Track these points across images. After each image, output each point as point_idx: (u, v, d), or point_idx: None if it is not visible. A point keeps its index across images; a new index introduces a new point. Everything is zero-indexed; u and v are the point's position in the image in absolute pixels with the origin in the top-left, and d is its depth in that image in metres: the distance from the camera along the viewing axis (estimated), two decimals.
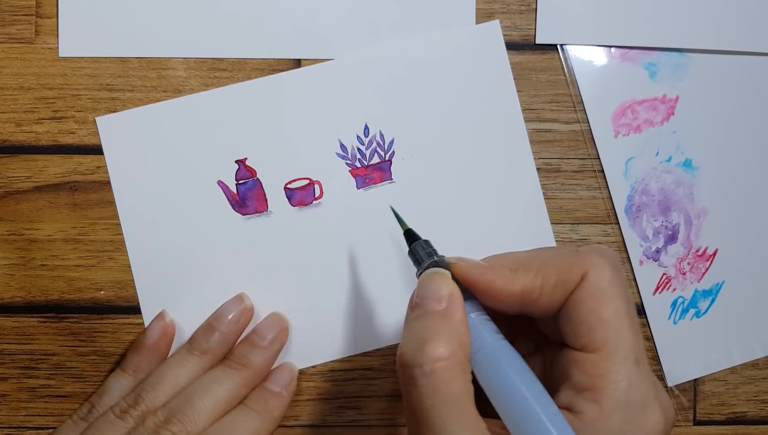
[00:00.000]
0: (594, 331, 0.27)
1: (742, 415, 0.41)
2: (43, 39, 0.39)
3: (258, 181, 0.39)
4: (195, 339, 0.38)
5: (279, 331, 0.38)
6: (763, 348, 0.41)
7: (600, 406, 0.26)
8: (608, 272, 0.28)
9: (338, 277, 0.40)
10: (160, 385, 0.36)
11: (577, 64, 0.40)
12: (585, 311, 0.27)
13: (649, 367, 0.28)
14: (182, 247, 0.39)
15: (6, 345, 0.40)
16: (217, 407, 0.35)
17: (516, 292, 0.29)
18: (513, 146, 0.40)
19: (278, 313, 0.39)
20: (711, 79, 0.40)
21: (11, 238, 0.39)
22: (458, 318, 0.28)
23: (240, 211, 0.39)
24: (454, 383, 0.26)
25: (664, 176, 0.40)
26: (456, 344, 0.27)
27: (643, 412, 0.26)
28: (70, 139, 0.39)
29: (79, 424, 0.36)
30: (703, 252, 0.41)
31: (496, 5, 0.40)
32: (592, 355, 0.27)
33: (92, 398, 0.37)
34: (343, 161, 0.39)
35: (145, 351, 0.38)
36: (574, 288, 0.28)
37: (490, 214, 0.40)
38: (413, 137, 0.40)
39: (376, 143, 0.40)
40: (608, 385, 0.26)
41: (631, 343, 0.27)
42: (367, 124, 0.39)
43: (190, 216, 0.39)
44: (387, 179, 0.40)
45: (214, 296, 0.39)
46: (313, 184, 0.39)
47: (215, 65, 0.40)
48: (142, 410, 0.35)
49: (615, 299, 0.27)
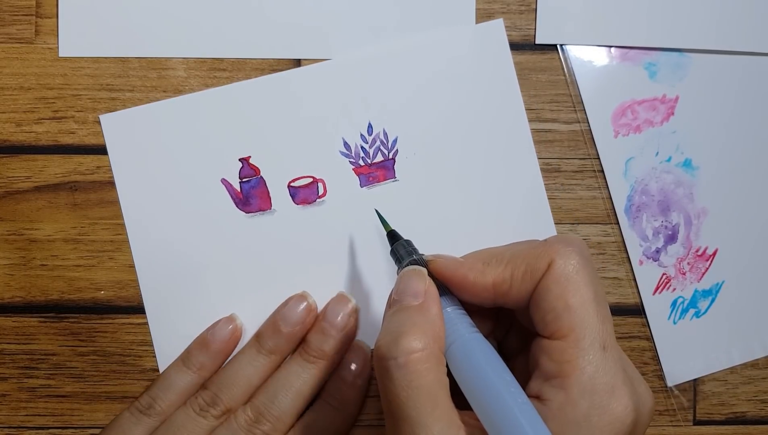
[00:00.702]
0: (560, 318, 0.27)
1: (742, 415, 0.41)
2: (43, 39, 0.39)
3: (262, 179, 0.39)
4: (263, 338, 0.38)
5: (349, 315, 0.38)
6: (763, 348, 0.41)
7: (566, 393, 0.26)
8: (574, 260, 0.28)
9: (341, 275, 0.40)
10: (236, 385, 0.37)
11: (577, 64, 0.40)
12: (552, 299, 0.28)
13: (619, 352, 0.28)
14: (186, 244, 0.39)
15: (6, 345, 0.40)
16: (300, 403, 0.37)
17: (488, 284, 0.29)
18: (516, 144, 0.40)
19: (344, 293, 0.39)
20: (711, 79, 0.40)
21: (11, 238, 0.39)
22: (433, 312, 0.29)
23: (243, 209, 0.39)
24: (427, 375, 0.27)
25: (663, 176, 0.40)
26: (430, 337, 0.28)
27: (611, 397, 0.26)
28: (70, 139, 0.39)
29: (139, 418, 0.37)
30: (703, 252, 0.41)
31: (496, 5, 0.40)
32: (559, 342, 0.27)
33: (151, 391, 0.37)
34: (346, 159, 0.40)
35: (212, 351, 0.38)
36: (541, 277, 0.28)
37: (493, 213, 0.40)
38: (417, 135, 0.40)
39: (379, 141, 0.40)
40: (574, 371, 0.27)
41: (597, 329, 0.27)
42: (370, 123, 0.39)
43: (194, 214, 0.39)
44: (390, 177, 0.40)
45: (218, 294, 0.39)
46: (316, 183, 0.39)
47: (215, 65, 0.40)
48: (222, 410, 0.36)
49: (581, 286, 0.28)
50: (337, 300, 0.39)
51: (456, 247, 0.33)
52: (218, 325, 0.39)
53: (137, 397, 0.38)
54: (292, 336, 0.38)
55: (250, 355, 0.38)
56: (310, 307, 0.38)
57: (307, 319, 0.38)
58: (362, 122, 0.40)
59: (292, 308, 0.38)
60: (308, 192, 0.39)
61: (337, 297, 0.39)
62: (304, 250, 0.39)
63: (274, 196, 0.39)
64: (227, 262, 0.39)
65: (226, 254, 0.39)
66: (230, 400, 0.36)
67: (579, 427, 0.26)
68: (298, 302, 0.38)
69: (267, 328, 0.38)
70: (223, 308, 0.39)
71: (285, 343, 0.38)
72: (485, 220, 0.40)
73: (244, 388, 0.37)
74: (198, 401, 0.37)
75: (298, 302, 0.38)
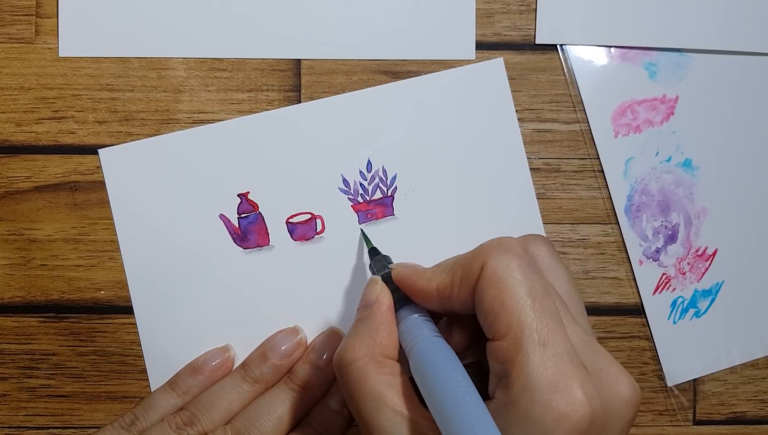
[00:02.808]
0: (498, 318, 0.28)
1: (742, 415, 0.41)
2: (43, 39, 0.39)
3: (260, 215, 0.39)
4: (249, 366, 0.38)
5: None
6: (763, 348, 0.41)
7: (508, 391, 0.27)
8: (506, 260, 0.28)
9: (338, 312, 0.39)
10: (215, 408, 0.36)
11: (577, 64, 0.40)
12: (488, 300, 0.28)
13: (567, 346, 0.27)
14: (183, 279, 0.39)
15: (6, 345, 0.40)
16: (282, 429, 0.36)
17: (433, 290, 0.31)
18: (515, 184, 0.40)
19: (335, 328, 0.39)
20: (711, 79, 0.40)
21: (11, 238, 0.39)
22: (378, 319, 0.31)
23: (241, 244, 0.39)
24: (369, 379, 0.29)
25: (663, 176, 0.40)
26: (372, 343, 0.30)
27: (553, 394, 0.26)
28: (70, 139, 0.39)
29: (121, 433, 0.37)
30: (703, 252, 0.41)
31: (496, 5, 0.40)
32: (500, 343, 0.28)
33: (135, 410, 0.37)
34: (345, 196, 0.39)
35: (202, 377, 0.38)
36: (476, 280, 0.29)
37: None
38: (416, 173, 0.40)
39: (378, 178, 0.39)
40: (513, 370, 0.27)
41: (534, 327, 0.27)
42: (369, 159, 0.39)
43: (192, 249, 0.39)
44: (389, 215, 0.40)
45: (214, 330, 0.39)
46: (315, 219, 0.39)
47: (215, 65, 0.40)
48: (200, 430, 0.36)
49: (515, 285, 0.28)
50: (327, 334, 0.39)
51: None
52: (211, 353, 0.39)
53: (121, 415, 0.38)
54: (279, 367, 0.37)
55: (234, 381, 0.37)
56: (301, 341, 0.38)
57: (296, 353, 0.38)
58: (361, 159, 0.39)
59: (282, 340, 0.38)
60: (306, 228, 0.39)
61: (328, 331, 0.39)
62: (301, 286, 0.39)
63: (272, 232, 0.39)
64: (224, 298, 0.39)
65: (223, 289, 0.39)
66: (208, 422, 0.36)
67: (523, 425, 0.26)
68: (289, 335, 0.38)
69: (255, 357, 0.38)
70: (218, 343, 0.39)
71: (271, 374, 0.37)
72: None
73: (224, 412, 0.36)
74: (176, 419, 0.36)
75: (289, 335, 0.38)
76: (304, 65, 0.40)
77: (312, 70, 0.40)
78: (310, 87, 0.40)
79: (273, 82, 0.40)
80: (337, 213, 0.39)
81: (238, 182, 0.39)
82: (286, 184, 0.39)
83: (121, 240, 0.39)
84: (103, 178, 0.39)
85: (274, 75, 0.40)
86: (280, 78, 0.40)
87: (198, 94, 0.40)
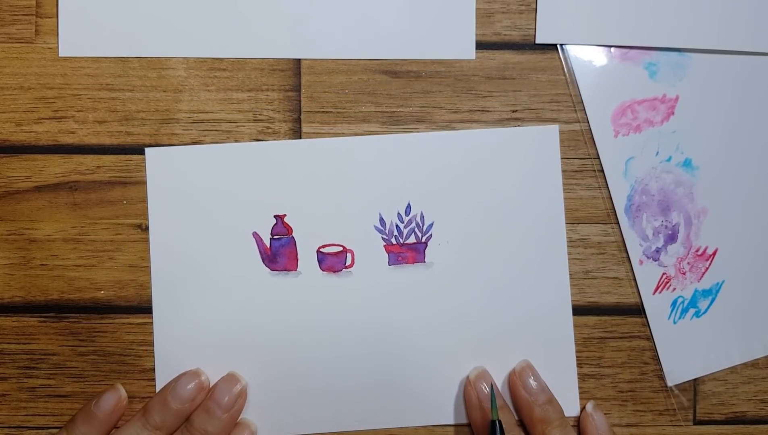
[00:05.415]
0: None
1: (742, 415, 0.41)
2: (43, 39, 0.39)
3: (293, 239, 0.39)
4: (149, 412, 0.37)
5: (237, 396, 0.38)
6: (763, 348, 0.41)
7: None
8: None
9: (352, 349, 0.39)
10: None
11: (577, 64, 0.40)
12: None
13: None
14: (205, 288, 0.39)
15: (6, 345, 0.40)
16: None
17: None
18: (551, 252, 0.40)
19: (234, 373, 0.39)
20: (711, 79, 0.40)
21: (11, 238, 0.39)
22: None
23: (269, 265, 0.39)
24: None
25: (663, 176, 0.40)
26: None
27: None
28: (70, 139, 0.39)
29: None
30: (703, 252, 0.41)
31: (496, 5, 0.40)
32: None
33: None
34: (379, 235, 0.39)
35: (97, 421, 0.37)
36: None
37: (517, 315, 0.40)
38: (454, 224, 0.40)
39: (415, 223, 0.39)
40: None
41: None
42: (409, 203, 0.39)
43: (220, 260, 0.39)
44: (420, 261, 0.40)
45: (225, 343, 0.39)
46: (346, 252, 0.39)
47: (215, 65, 0.40)
48: None
49: None
50: (226, 379, 0.38)
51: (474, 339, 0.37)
52: (105, 396, 0.38)
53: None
54: (180, 412, 0.37)
55: (135, 428, 0.37)
56: (202, 384, 0.38)
57: (198, 397, 0.38)
58: (402, 201, 0.39)
59: (183, 384, 0.38)
60: (336, 260, 0.39)
61: (227, 376, 0.38)
62: (320, 317, 0.39)
63: (301, 258, 0.39)
64: (242, 314, 0.39)
65: (243, 306, 0.39)
66: None
67: None
68: (190, 379, 0.38)
69: (155, 403, 0.37)
70: (232, 360, 0.39)
71: (172, 419, 0.37)
72: (506, 319, 0.40)
73: None
74: None
75: (190, 379, 0.38)
76: (304, 65, 0.40)
77: (312, 69, 0.40)
78: (310, 87, 0.40)
79: (273, 82, 0.40)
80: (368, 250, 0.39)
81: (276, 203, 0.39)
82: (323, 213, 0.39)
83: (152, 239, 0.39)
84: (103, 178, 0.39)
85: (274, 75, 0.40)
86: (280, 78, 0.40)
87: (198, 94, 0.40)
